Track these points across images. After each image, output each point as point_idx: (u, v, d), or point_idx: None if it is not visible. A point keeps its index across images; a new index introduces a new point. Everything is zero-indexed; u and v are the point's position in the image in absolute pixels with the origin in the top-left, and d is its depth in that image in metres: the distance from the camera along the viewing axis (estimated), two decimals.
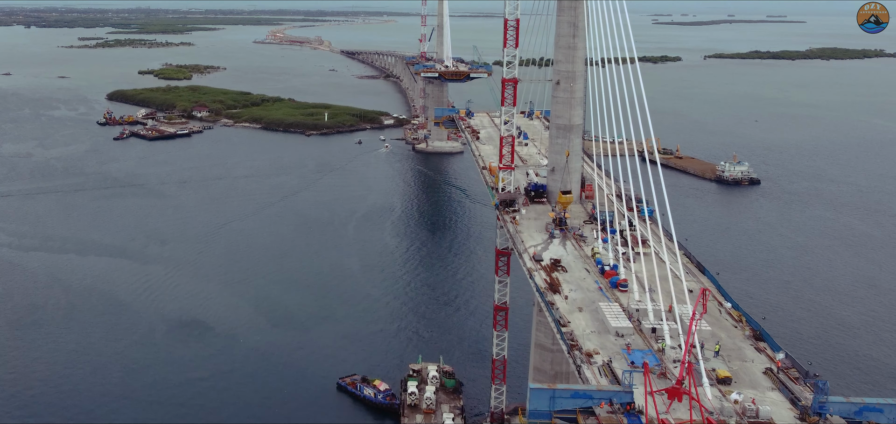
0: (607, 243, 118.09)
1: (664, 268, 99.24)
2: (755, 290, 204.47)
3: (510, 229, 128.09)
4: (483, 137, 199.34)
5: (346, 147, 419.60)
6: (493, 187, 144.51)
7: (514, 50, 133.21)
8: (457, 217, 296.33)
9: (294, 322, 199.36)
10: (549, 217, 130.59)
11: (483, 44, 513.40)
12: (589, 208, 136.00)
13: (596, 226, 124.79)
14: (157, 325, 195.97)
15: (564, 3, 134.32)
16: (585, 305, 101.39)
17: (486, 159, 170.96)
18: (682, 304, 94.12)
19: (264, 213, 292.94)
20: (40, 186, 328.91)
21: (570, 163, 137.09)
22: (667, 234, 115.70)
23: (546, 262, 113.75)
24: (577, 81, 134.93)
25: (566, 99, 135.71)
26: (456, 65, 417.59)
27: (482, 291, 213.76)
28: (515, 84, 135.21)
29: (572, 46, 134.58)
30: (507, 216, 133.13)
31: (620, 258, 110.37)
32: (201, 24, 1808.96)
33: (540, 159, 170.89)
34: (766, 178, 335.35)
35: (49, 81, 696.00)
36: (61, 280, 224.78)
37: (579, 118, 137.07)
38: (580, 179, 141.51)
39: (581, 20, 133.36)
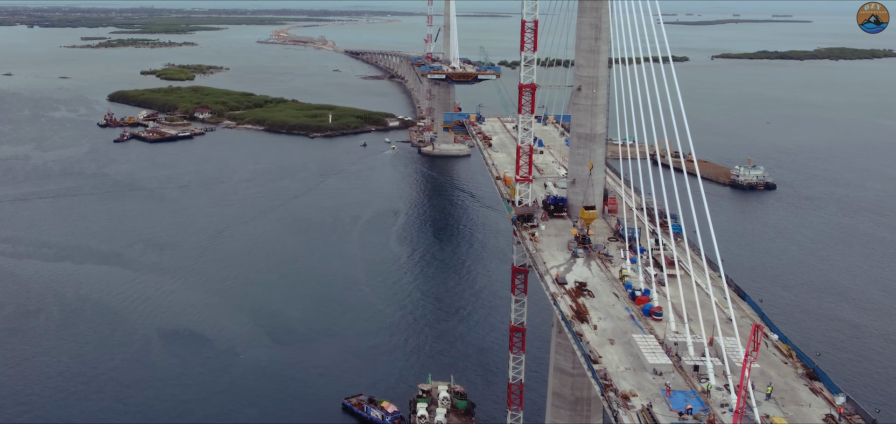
0: (636, 263, 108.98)
1: (701, 293, 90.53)
2: (794, 313, 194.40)
3: (529, 247, 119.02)
4: (495, 143, 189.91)
5: (350, 150, 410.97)
6: (508, 200, 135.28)
7: (532, 54, 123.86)
8: (466, 224, 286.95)
9: (296, 336, 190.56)
10: (570, 234, 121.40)
11: (489, 44, 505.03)
12: (613, 223, 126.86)
13: (623, 244, 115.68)
14: (154, 339, 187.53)
15: (586, 3, 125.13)
16: (617, 336, 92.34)
17: (499, 169, 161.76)
18: (727, 337, 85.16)
19: (266, 218, 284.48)
20: (36, 189, 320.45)
21: (593, 175, 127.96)
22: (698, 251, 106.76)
23: (570, 285, 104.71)
24: (600, 87, 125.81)
25: (588, 106, 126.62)
26: (463, 66, 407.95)
27: (494, 303, 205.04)
28: (533, 90, 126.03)
29: (595, 50, 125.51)
30: (526, 232, 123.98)
31: (652, 282, 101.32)
32: (205, 23, 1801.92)
33: (557, 168, 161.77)
34: (781, 182, 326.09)
35: (50, 81, 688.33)
36: (55, 289, 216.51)
37: (602, 127, 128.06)
38: (603, 191, 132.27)
39: (604, 22, 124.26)
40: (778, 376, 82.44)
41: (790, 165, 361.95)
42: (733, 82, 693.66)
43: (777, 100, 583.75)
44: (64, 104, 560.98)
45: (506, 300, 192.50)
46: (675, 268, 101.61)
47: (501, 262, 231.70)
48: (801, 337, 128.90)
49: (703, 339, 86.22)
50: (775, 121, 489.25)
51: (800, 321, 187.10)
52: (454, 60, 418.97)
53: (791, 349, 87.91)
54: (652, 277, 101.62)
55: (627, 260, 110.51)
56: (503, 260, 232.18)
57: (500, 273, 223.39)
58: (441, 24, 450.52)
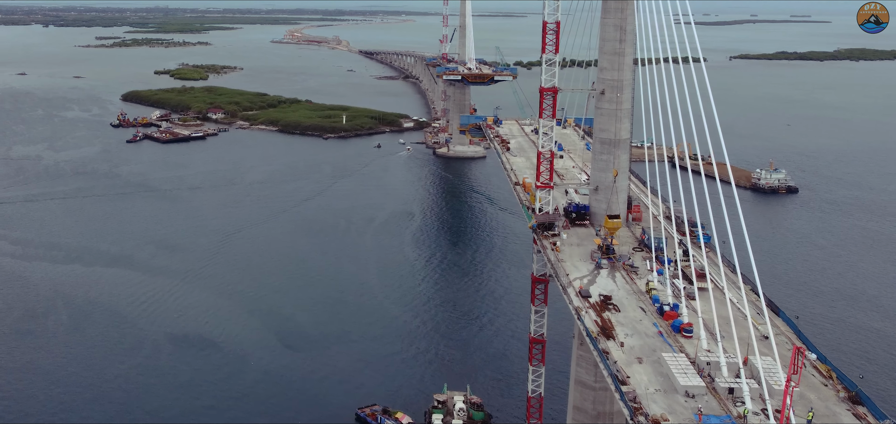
0: (663, 275, 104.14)
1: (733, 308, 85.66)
2: (826, 325, 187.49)
3: (551, 257, 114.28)
4: (513, 147, 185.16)
5: (364, 151, 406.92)
6: (528, 207, 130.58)
7: (553, 56, 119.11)
8: (482, 227, 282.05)
9: (308, 342, 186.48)
10: (593, 243, 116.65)
11: (504, 45, 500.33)
12: (638, 232, 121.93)
13: (649, 255, 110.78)
14: (163, 344, 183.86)
15: (610, 3, 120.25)
16: (645, 354, 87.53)
17: (518, 174, 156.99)
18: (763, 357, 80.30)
19: (278, 220, 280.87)
20: (48, 190, 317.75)
21: (617, 182, 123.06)
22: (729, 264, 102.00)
23: (595, 298, 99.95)
24: (625, 91, 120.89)
25: (612, 111, 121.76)
26: (479, 67, 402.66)
27: (512, 310, 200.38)
28: (555, 94, 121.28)
29: (619, 52, 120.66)
30: (546, 241, 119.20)
31: (681, 295, 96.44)
32: (219, 23, 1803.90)
33: (578, 174, 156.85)
34: (803, 186, 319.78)
35: (64, 81, 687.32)
36: (64, 293, 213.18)
37: (626, 132, 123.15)
38: (627, 198, 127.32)
39: (629, 23, 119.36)
40: (818, 400, 77.54)
41: (812, 168, 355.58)
42: (752, 83, 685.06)
43: (797, 101, 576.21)
44: (77, 104, 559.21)
45: (524, 308, 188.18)
46: (706, 281, 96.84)
47: (518, 268, 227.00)
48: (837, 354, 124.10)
49: (737, 358, 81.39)
50: (796, 123, 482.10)
51: (834, 336, 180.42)
52: (470, 61, 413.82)
53: (831, 370, 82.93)
54: (681, 290, 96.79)
55: (654, 272, 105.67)
56: (520, 266, 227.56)
57: (517, 279, 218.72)
58: (457, 24, 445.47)
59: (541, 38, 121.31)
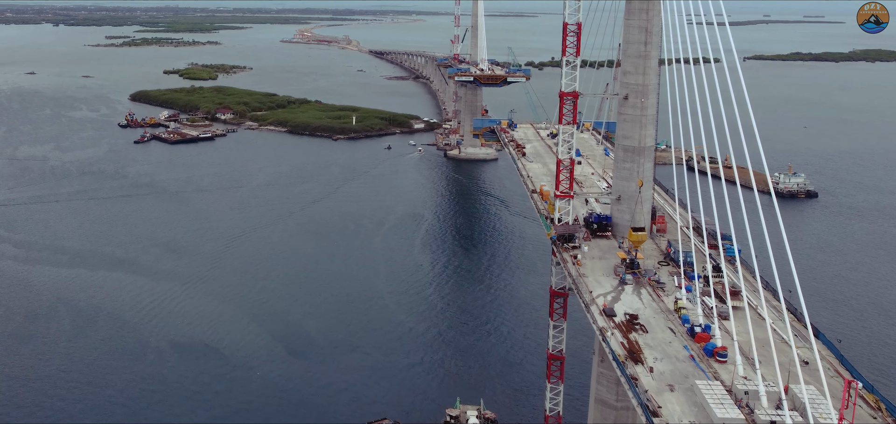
0: (691, 291, 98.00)
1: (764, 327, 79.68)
2: (860, 342, 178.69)
3: (571, 271, 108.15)
4: (529, 152, 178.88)
5: (374, 152, 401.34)
6: (546, 217, 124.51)
7: (574, 58, 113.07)
8: (495, 232, 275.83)
9: (316, 351, 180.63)
10: (617, 257, 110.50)
11: (514, 44, 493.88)
12: (663, 245, 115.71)
13: (676, 270, 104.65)
14: (167, 351, 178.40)
15: (635, 4, 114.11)
16: (676, 380, 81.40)
17: (535, 181, 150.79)
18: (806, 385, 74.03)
19: (286, 223, 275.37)
20: (53, 191, 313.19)
21: (643, 194, 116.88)
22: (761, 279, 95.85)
23: (620, 318, 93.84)
24: (650, 96, 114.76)
25: (636, 117, 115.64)
26: (491, 68, 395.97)
27: (527, 319, 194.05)
28: (576, 98, 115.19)
29: (644, 55, 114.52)
30: (567, 254, 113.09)
31: (713, 316, 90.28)
32: (229, 22, 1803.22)
33: (597, 181, 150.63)
34: (823, 190, 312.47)
35: (72, 80, 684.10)
36: (67, 298, 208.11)
37: (651, 139, 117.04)
38: (651, 208, 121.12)
39: (655, 24, 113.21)
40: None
41: (831, 172, 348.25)
42: (767, 85, 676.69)
43: (813, 103, 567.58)
44: (85, 104, 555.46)
45: (539, 318, 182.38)
46: (739, 299, 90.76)
47: (533, 275, 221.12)
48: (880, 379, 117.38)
49: (778, 387, 75.17)
50: (813, 125, 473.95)
51: (873, 356, 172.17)
52: (482, 62, 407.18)
53: (879, 400, 76.66)
54: (713, 310, 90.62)
55: (682, 289, 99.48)
56: (535, 273, 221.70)
57: (532, 287, 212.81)
58: (468, 24, 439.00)
59: (560, 40, 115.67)
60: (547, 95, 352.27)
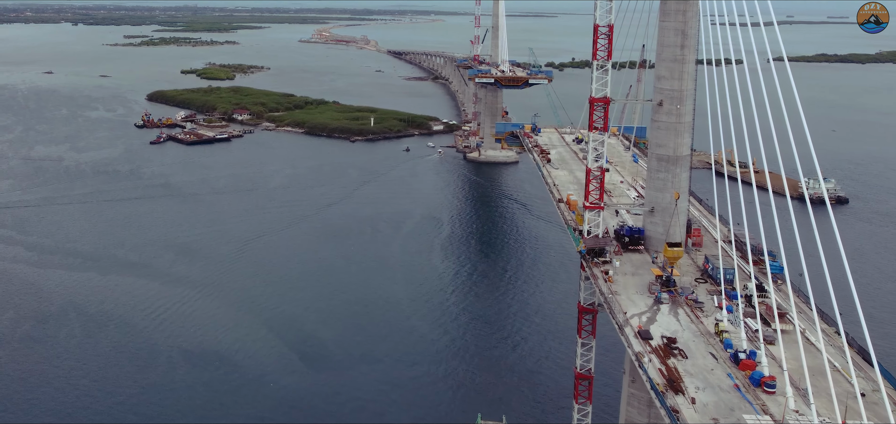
0: (733, 313, 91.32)
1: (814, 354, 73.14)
2: None
3: (603, 288, 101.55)
4: (554, 159, 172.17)
5: (392, 154, 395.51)
6: (575, 229, 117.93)
7: (606, 62, 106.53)
8: (516, 238, 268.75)
9: (331, 362, 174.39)
10: (651, 273, 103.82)
11: (533, 45, 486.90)
12: (700, 260, 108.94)
13: (715, 288, 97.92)
14: (178, 362, 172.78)
15: (671, 4, 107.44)
16: (722, 413, 74.74)
17: (561, 190, 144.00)
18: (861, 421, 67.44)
19: (302, 227, 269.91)
20: (67, 192, 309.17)
21: (673, 202, 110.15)
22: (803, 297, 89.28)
23: (657, 341, 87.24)
24: (686, 102, 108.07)
25: (671, 124, 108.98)
26: (513, 69, 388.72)
27: (551, 331, 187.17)
28: (607, 104, 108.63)
29: (680, 60, 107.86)
30: (597, 269, 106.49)
31: (759, 340, 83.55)
32: (247, 22, 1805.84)
33: (626, 190, 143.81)
34: (854, 196, 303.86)
35: (90, 80, 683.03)
36: (77, 304, 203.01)
37: (687, 148, 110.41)
38: (686, 221, 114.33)
39: (692, 27, 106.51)
40: None
41: (861, 177, 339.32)
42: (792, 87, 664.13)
43: (841, 106, 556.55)
44: (102, 103, 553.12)
45: (564, 329, 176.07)
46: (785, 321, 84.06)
47: (557, 283, 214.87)
48: None
49: (835, 422, 68.52)
50: (841, 129, 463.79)
51: None
52: (503, 63, 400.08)
53: None
54: (759, 334, 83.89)
55: (722, 309, 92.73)
56: (558, 281, 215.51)
57: (555, 296, 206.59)
58: (489, 24, 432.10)
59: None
60: (567, 97, 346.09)
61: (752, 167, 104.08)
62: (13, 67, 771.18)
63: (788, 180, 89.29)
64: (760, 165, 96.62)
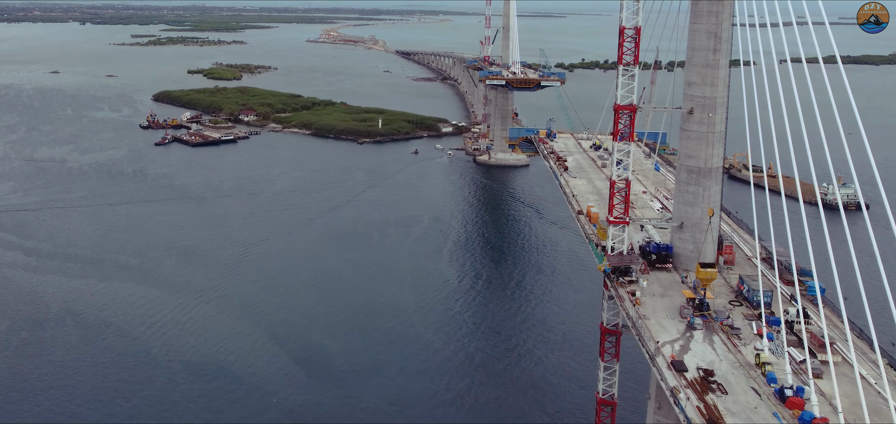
0: (774, 341, 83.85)
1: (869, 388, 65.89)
2: None
3: (630, 311, 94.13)
4: (571, 166, 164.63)
5: (400, 157, 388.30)
6: (597, 244, 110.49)
7: (633, 68, 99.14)
8: (528, 244, 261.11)
9: (337, 375, 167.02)
10: (681, 295, 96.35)
11: (543, 46, 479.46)
12: (734, 280, 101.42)
13: (750, 311, 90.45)
14: (179, 375, 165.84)
15: (703, 5, 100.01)
16: None
17: (580, 201, 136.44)
18: None
19: (307, 232, 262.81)
20: (69, 195, 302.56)
21: (706, 219, 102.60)
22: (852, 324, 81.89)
23: (693, 373, 79.79)
24: (718, 111, 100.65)
25: (702, 134, 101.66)
26: (524, 71, 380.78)
27: (567, 345, 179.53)
28: (633, 112, 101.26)
29: (712, 64, 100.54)
30: (623, 290, 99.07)
31: (808, 374, 76.07)
32: (255, 22, 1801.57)
33: (649, 201, 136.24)
34: (874, 202, 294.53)
35: (96, 79, 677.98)
36: (75, 312, 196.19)
37: (719, 159, 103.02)
38: (718, 236, 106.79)
39: (725, 29, 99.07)
40: None
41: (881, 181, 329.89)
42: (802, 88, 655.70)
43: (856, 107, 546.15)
44: (107, 103, 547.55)
45: (582, 345, 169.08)
46: (833, 352, 76.59)
47: (571, 292, 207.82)
48: None
49: None
50: (857, 131, 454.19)
51: None
52: (514, 65, 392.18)
53: None
54: (807, 366, 76.35)
55: (763, 337, 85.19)
56: (572, 290, 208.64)
57: (569, 306, 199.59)
58: (499, 24, 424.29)
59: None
60: (578, 98, 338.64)
61: (768, 172, 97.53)
62: (20, 66, 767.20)
63: (805, 185, 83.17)
64: (782, 170, 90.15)
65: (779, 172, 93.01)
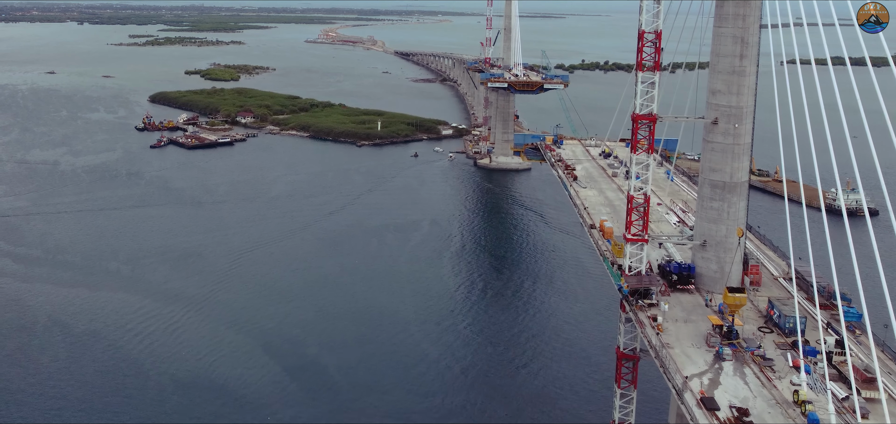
0: (811, 373, 76.67)
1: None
2: None
3: (652, 338, 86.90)
4: (581, 176, 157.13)
5: (400, 160, 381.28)
6: (613, 263, 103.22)
7: (653, 75, 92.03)
8: (532, 250, 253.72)
9: (336, 393, 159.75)
10: (707, 321, 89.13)
11: (542, 47, 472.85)
12: (763, 303, 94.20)
13: (785, 341, 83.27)
14: (169, 391, 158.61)
15: (729, 6, 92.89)
16: None
17: (592, 214, 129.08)
18: None
19: (304, 239, 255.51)
20: (60, 200, 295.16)
21: (731, 238, 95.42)
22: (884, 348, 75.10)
23: (725, 412, 72.57)
24: (745, 121, 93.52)
25: (727, 146, 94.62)
26: (527, 73, 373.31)
27: (575, 359, 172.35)
28: (653, 123, 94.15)
29: (739, 71, 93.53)
30: (644, 315, 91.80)
31: (855, 415, 68.90)
32: (254, 22, 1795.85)
33: (664, 214, 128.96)
34: (883, 207, 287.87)
35: (92, 80, 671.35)
36: (63, 322, 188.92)
37: (745, 173, 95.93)
38: (743, 257, 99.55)
39: (752, 33, 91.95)
40: None
41: (888, 186, 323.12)
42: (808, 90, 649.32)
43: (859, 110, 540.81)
44: (103, 105, 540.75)
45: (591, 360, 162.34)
46: (876, 387, 69.51)
47: (575, 302, 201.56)
48: None
49: None
50: (862, 134, 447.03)
51: None
52: (516, 66, 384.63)
53: None
54: (855, 405, 69.16)
55: (801, 371, 77.93)
56: (577, 301, 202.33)
57: (574, 316, 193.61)
58: (500, 26, 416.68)
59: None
60: (579, 100, 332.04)
61: (775, 177, 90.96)
62: (15, 67, 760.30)
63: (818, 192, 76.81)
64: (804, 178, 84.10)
65: (799, 181, 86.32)
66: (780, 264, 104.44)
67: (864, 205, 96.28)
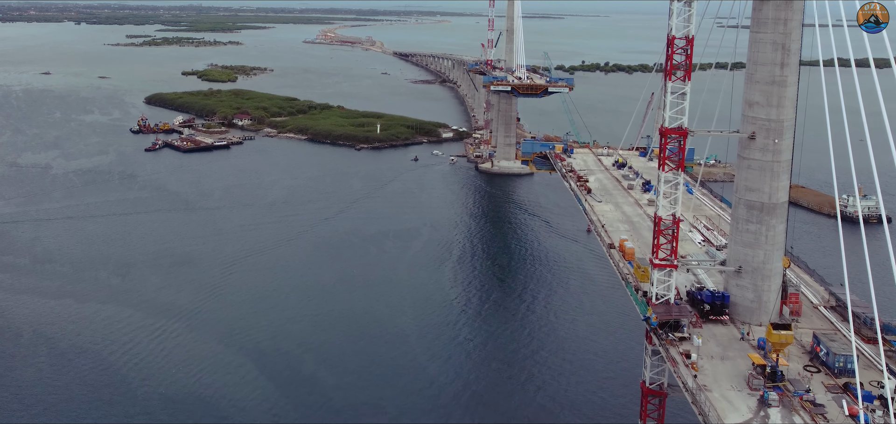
0: (869, 423, 68.01)
1: None
2: None
3: (687, 379, 78.13)
4: (594, 188, 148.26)
5: (399, 163, 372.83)
6: (637, 289, 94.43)
7: (684, 85, 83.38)
8: (536, 258, 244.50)
9: (333, 412, 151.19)
10: (747, 359, 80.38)
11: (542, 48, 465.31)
12: (807, 338, 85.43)
13: (836, 382, 74.59)
14: (157, 411, 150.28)
15: (768, 8, 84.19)
16: None
17: (610, 231, 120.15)
18: None
19: (300, 247, 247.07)
20: (50, 205, 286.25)
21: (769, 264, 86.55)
22: None
23: None
24: (785, 136, 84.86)
25: (766, 164, 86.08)
26: (530, 76, 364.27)
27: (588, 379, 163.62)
28: (684, 137, 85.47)
29: (779, 81, 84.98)
30: (675, 351, 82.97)
31: None
32: (252, 22, 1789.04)
33: (687, 231, 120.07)
34: (895, 214, 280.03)
35: (88, 81, 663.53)
36: (49, 336, 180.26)
37: (785, 193, 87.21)
38: (781, 283, 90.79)
39: (794, 40, 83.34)
40: None
41: None
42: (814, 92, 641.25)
43: (869, 113, 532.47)
44: (98, 106, 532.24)
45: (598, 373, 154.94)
46: None
47: (583, 314, 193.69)
48: None
49: None
50: (873, 138, 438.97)
51: None
52: (518, 69, 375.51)
53: None
54: None
55: (861, 420, 69.19)
56: (584, 312, 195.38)
57: (582, 329, 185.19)
58: (502, 27, 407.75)
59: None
60: (580, 102, 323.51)
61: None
62: (10, 67, 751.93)
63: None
64: None
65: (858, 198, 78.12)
66: (819, 289, 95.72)
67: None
